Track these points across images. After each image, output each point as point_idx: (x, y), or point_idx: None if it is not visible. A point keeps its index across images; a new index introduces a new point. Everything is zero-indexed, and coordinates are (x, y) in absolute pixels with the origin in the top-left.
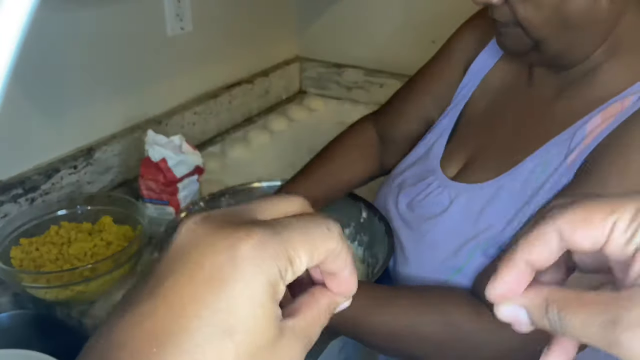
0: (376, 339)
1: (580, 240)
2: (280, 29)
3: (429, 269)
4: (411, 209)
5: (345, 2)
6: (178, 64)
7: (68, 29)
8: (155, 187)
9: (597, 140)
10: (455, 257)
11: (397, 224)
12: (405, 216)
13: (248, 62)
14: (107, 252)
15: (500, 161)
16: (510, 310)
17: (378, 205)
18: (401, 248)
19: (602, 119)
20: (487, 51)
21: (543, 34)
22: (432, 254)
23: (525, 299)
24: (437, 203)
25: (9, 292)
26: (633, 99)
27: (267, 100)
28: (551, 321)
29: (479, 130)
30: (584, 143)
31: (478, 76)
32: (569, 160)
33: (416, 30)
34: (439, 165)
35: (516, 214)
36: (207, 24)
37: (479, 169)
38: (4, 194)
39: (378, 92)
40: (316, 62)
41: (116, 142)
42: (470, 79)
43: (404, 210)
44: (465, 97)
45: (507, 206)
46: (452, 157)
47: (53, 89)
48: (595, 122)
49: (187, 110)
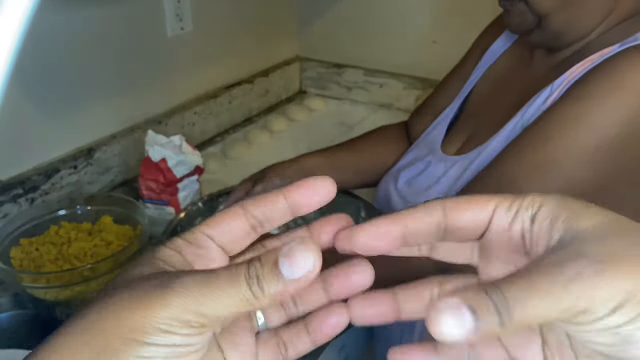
0: None
1: (463, 216)
2: (280, 29)
3: None
4: (409, 185)
5: (345, 3)
6: (178, 64)
7: (68, 29)
8: (155, 187)
9: (572, 81)
10: None
11: (395, 200)
12: (403, 192)
13: (248, 62)
14: (107, 252)
15: (490, 129)
16: (452, 313)
17: (379, 191)
18: None
19: (582, 64)
20: (497, 43)
21: (546, 7)
22: None
23: (457, 293)
24: (432, 176)
25: (8, 292)
26: (614, 47)
27: (267, 100)
28: (498, 306)
29: (479, 113)
30: (561, 86)
31: (485, 65)
32: (548, 103)
33: (417, 31)
34: (439, 146)
35: None
36: (207, 24)
37: (473, 141)
38: (3, 194)
39: (378, 92)
40: (316, 62)
41: (116, 142)
42: (479, 68)
43: (402, 187)
44: (470, 85)
45: (487, 163)
46: (453, 140)
47: (53, 89)
48: (574, 68)
49: (187, 110)
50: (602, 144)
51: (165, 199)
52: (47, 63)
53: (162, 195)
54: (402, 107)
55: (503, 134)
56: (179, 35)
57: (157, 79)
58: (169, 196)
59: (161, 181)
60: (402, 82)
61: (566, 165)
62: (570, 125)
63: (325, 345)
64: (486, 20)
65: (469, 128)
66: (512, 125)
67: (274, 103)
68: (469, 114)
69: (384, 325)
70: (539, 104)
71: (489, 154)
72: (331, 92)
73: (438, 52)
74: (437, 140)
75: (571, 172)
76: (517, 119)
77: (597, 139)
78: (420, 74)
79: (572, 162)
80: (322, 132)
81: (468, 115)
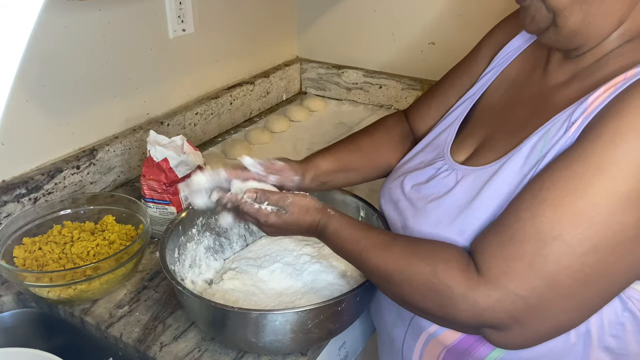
0: (375, 279)
1: None
2: (280, 30)
3: None
4: (417, 190)
5: (345, 5)
6: (179, 65)
7: (71, 32)
8: (157, 187)
9: (597, 109)
10: (459, 237)
11: (403, 204)
12: (411, 196)
13: (249, 63)
14: (110, 251)
15: (506, 143)
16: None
17: (384, 189)
18: (405, 225)
19: (604, 89)
20: (513, 43)
21: (560, 2)
22: (435, 233)
23: None
24: (444, 185)
25: (12, 291)
26: (637, 69)
27: (267, 101)
28: None
29: (491, 119)
30: (585, 113)
31: (499, 68)
32: (571, 130)
33: (415, 32)
34: (449, 152)
35: (516, 189)
36: (208, 26)
37: (487, 152)
38: (7, 193)
39: (377, 92)
40: (316, 63)
41: (118, 143)
42: (492, 69)
43: (410, 191)
44: (483, 87)
45: (507, 184)
46: (463, 145)
47: (56, 90)
48: (598, 93)
49: (188, 111)
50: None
51: (166, 199)
52: (50, 64)
53: (164, 195)
54: (401, 108)
55: (522, 153)
56: (181, 36)
57: (158, 80)
58: (170, 196)
59: (163, 181)
60: (401, 83)
61: (609, 212)
62: (609, 169)
63: (326, 342)
64: (485, 22)
65: (480, 134)
66: (530, 147)
67: (275, 104)
68: (480, 119)
69: (384, 323)
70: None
71: (509, 173)
72: (331, 92)
73: (436, 54)
74: (447, 144)
75: (614, 218)
76: (536, 138)
77: (638, 181)
78: (419, 75)
79: (614, 207)
80: (322, 133)
81: (479, 120)
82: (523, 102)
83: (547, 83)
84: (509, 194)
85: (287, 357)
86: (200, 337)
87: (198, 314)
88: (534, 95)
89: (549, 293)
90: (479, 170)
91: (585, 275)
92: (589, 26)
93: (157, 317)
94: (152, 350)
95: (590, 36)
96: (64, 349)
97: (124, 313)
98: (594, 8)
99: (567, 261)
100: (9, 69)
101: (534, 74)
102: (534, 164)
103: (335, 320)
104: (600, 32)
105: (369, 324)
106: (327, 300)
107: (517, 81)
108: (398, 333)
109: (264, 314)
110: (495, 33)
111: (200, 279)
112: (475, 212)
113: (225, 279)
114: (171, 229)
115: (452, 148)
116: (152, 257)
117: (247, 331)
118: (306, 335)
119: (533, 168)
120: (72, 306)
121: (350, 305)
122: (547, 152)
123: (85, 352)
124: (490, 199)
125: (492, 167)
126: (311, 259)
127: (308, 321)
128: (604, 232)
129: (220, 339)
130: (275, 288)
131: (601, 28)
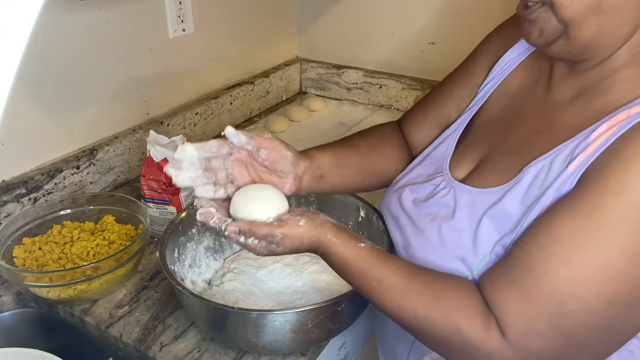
0: (389, 317)
1: None
2: (280, 30)
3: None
4: (417, 207)
5: (345, 4)
6: (179, 65)
7: (71, 31)
8: (157, 187)
9: (600, 149)
10: (462, 265)
11: (404, 221)
12: (411, 213)
13: (249, 63)
14: (109, 251)
15: (507, 165)
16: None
17: (383, 203)
18: (407, 245)
19: (608, 127)
20: (511, 53)
21: (574, 12)
22: (436, 255)
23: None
24: (443, 204)
25: (11, 291)
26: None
27: (267, 101)
28: None
29: (492, 134)
30: (585, 151)
31: (498, 78)
32: (570, 168)
33: (415, 32)
34: (447, 167)
35: (518, 222)
36: (208, 26)
37: (487, 173)
38: (7, 193)
39: (377, 92)
40: (316, 63)
41: (118, 143)
42: (491, 80)
43: (410, 207)
44: (482, 99)
45: (509, 214)
46: (462, 160)
47: (55, 89)
48: (601, 130)
49: (188, 111)
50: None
51: (166, 199)
52: (50, 64)
53: (164, 195)
54: (401, 108)
55: (524, 183)
56: (181, 36)
57: (158, 80)
58: (170, 196)
59: (163, 181)
60: (401, 83)
61: (621, 268)
62: (617, 226)
63: (326, 342)
64: (485, 22)
65: (480, 149)
66: (532, 177)
67: (275, 104)
68: (480, 133)
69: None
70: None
71: (511, 202)
72: (331, 92)
73: (436, 54)
74: (445, 159)
75: (627, 274)
76: (537, 169)
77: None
78: (419, 75)
79: (626, 264)
80: (322, 133)
81: (479, 134)
82: (525, 118)
83: (551, 98)
84: (512, 227)
85: (287, 357)
86: (200, 337)
87: (198, 314)
88: (537, 111)
89: (569, 349)
90: (479, 194)
91: (603, 329)
92: (604, 38)
93: (157, 317)
94: (152, 350)
95: (603, 48)
96: (63, 349)
97: (124, 313)
98: (610, 17)
99: (584, 318)
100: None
101: (537, 87)
102: (536, 196)
103: (335, 320)
104: (614, 44)
105: (369, 324)
106: (327, 300)
107: (518, 94)
108: (401, 350)
109: (264, 314)
110: (492, 41)
111: (200, 279)
112: (478, 241)
113: (225, 279)
114: (171, 229)
115: (452, 162)
116: (152, 257)
117: (247, 331)
118: (306, 335)
119: (535, 201)
120: (72, 306)
121: (350, 305)
122: (548, 188)
123: (85, 352)
124: (494, 230)
125: (493, 194)
126: (311, 259)
127: (308, 321)
128: (620, 287)
129: (220, 339)
130: (274, 288)
131: (615, 39)
